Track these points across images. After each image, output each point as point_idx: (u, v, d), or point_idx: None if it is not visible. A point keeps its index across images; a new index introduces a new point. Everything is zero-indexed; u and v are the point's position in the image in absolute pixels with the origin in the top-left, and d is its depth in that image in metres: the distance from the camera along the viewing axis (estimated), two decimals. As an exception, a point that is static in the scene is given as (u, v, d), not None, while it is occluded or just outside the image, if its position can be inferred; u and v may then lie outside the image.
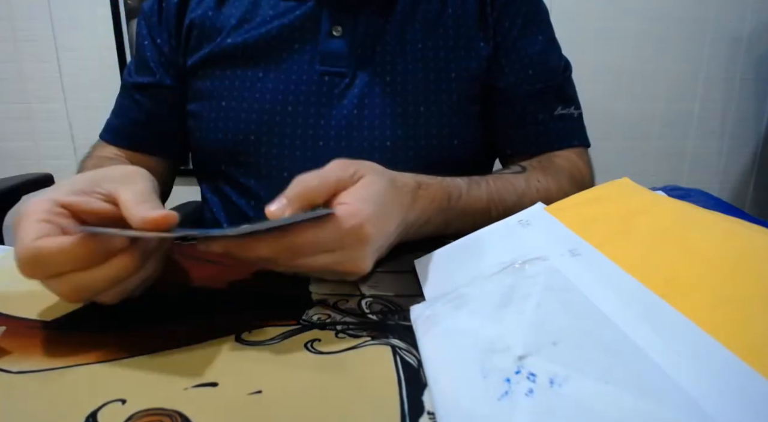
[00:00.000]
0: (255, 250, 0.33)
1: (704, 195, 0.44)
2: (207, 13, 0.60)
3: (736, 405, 0.20)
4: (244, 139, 0.59)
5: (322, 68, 0.58)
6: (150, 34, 0.63)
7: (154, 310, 0.35)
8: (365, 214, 0.34)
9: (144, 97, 0.63)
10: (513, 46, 0.60)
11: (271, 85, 0.58)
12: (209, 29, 0.60)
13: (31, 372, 0.28)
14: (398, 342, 0.31)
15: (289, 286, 0.39)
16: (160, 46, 0.62)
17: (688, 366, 0.22)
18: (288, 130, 0.58)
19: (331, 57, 0.58)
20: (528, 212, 0.40)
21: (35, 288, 0.39)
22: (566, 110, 0.62)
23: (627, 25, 1.49)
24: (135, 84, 0.63)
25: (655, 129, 1.58)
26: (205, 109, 0.60)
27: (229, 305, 0.37)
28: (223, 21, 0.60)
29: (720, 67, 1.54)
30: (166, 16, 0.62)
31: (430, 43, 0.59)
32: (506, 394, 0.23)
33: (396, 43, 0.58)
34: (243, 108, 0.59)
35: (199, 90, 0.61)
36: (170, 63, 0.62)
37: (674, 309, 0.25)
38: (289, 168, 0.58)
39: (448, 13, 0.59)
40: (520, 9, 0.61)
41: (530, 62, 0.60)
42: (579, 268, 0.30)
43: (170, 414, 0.24)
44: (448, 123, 0.59)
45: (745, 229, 0.29)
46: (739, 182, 1.65)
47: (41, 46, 1.53)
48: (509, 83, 0.61)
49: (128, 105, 0.64)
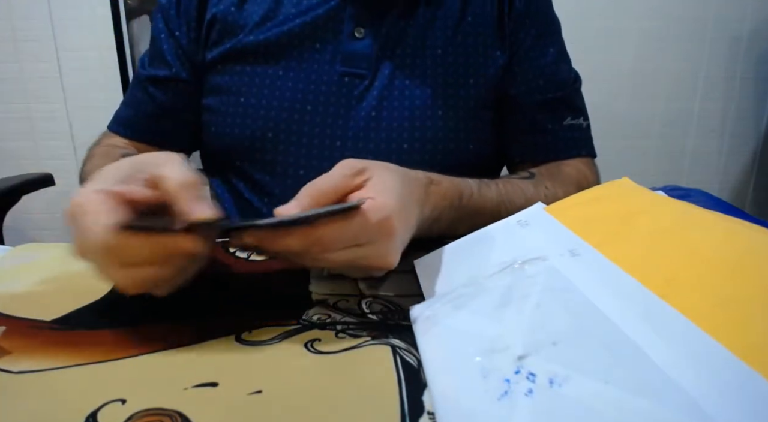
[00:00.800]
0: (285, 243, 0.33)
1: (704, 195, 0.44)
2: (230, 9, 0.60)
3: (735, 405, 0.20)
4: (262, 135, 0.59)
5: (342, 69, 0.59)
6: (168, 27, 0.63)
7: (154, 310, 0.35)
8: (390, 208, 0.34)
9: (158, 90, 0.63)
10: (526, 56, 0.62)
11: (291, 84, 0.59)
12: (231, 25, 0.60)
13: (31, 372, 0.28)
14: (398, 342, 0.31)
15: (289, 286, 0.39)
16: (179, 39, 0.62)
17: (688, 366, 0.22)
18: (306, 128, 0.58)
19: (352, 58, 0.59)
20: (527, 212, 0.40)
21: (35, 289, 0.39)
22: (575, 121, 0.63)
23: (627, 24, 1.49)
24: (150, 76, 0.63)
25: (655, 128, 1.58)
26: (222, 103, 0.60)
27: (229, 305, 0.37)
28: (246, 17, 0.60)
29: (720, 67, 1.54)
30: (186, 9, 0.62)
31: (450, 49, 0.60)
32: (506, 394, 0.23)
33: (417, 48, 0.59)
34: (262, 105, 0.59)
35: (217, 84, 0.61)
36: (187, 56, 0.62)
37: (674, 309, 0.25)
38: (305, 166, 0.59)
39: (468, 21, 0.60)
40: (535, 21, 0.62)
41: (541, 73, 0.62)
42: (578, 268, 0.30)
43: (170, 414, 0.25)
44: (465, 128, 0.60)
45: (745, 229, 0.29)
46: (739, 182, 1.65)
47: (41, 46, 1.53)
48: (520, 91, 0.62)
49: (141, 97, 0.64)
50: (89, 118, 1.58)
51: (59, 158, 1.60)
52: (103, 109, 0.68)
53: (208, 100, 0.62)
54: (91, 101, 1.56)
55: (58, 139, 1.60)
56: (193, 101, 0.63)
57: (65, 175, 1.41)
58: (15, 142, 1.61)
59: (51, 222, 1.67)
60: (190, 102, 0.63)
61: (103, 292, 0.38)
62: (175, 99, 0.63)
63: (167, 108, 0.63)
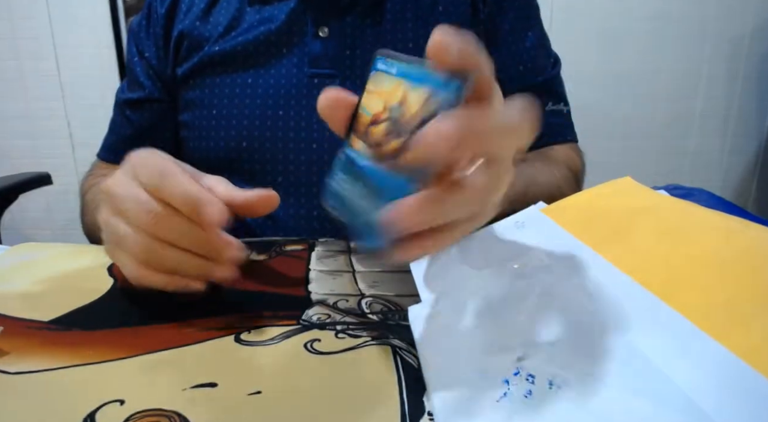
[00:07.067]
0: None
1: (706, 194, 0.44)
2: (195, 23, 0.61)
3: (735, 405, 0.20)
4: (237, 146, 0.59)
5: (311, 71, 0.58)
6: (138, 49, 0.64)
7: (153, 310, 0.35)
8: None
9: (135, 112, 0.64)
10: (504, 42, 0.60)
11: (261, 91, 0.58)
12: (198, 38, 0.60)
13: (29, 373, 0.28)
14: (398, 342, 0.31)
15: (289, 286, 0.39)
16: (149, 59, 0.63)
17: (687, 367, 0.22)
18: (280, 134, 0.58)
19: (319, 59, 0.58)
20: (524, 213, 0.40)
21: (33, 288, 0.39)
22: (556, 106, 0.62)
23: (628, 25, 1.49)
24: (126, 100, 0.64)
25: (657, 128, 1.58)
26: (196, 118, 0.61)
27: (229, 305, 0.37)
28: (210, 30, 0.60)
29: (722, 66, 1.54)
30: (154, 29, 0.63)
31: (422, 41, 0.58)
32: (505, 395, 0.23)
33: (387, 43, 0.58)
34: (234, 115, 0.59)
35: (190, 99, 0.61)
36: (158, 75, 0.63)
37: (673, 310, 0.24)
38: (283, 172, 0.58)
39: (439, 10, 0.59)
40: (512, 4, 0.61)
41: (521, 59, 0.61)
42: (577, 270, 0.30)
43: (169, 415, 0.24)
44: None
45: (747, 229, 0.29)
46: (741, 181, 1.65)
47: (40, 44, 1.52)
48: (499, 79, 0.61)
49: (120, 122, 0.65)
50: (88, 116, 1.58)
51: (57, 157, 1.60)
52: (102, 108, 0.69)
53: (183, 116, 0.62)
54: (89, 99, 1.56)
55: (57, 137, 1.60)
56: (168, 119, 0.64)
57: (63, 174, 1.41)
58: (13, 141, 1.61)
59: (49, 221, 1.67)
60: (165, 120, 0.64)
61: (101, 292, 0.38)
62: (151, 119, 0.64)
63: (144, 129, 0.64)
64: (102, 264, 0.43)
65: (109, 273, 0.41)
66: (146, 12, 0.64)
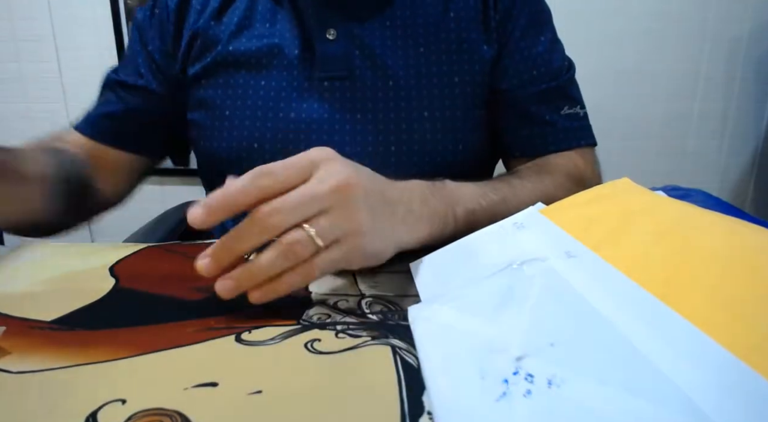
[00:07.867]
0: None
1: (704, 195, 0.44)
2: (209, 22, 0.61)
3: (735, 405, 0.20)
4: (248, 146, 0.59)
5: (321, 73, 0.58)
6: (141, 41, 0.63)
7: (155, 310, 0.35)
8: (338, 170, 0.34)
9: (128, 94, 0.64)
10: (516, 48, 0.60)
11: (274, 93, 0.59)
12: (211, 38, 0.61)
13: (31, 372, 0.28)
14: (398, 342, 0.31)
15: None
16: (152, 53, 0.63)
17: (687, 367, 0.22)
18: (291, 136, 0.58)
19: (328, 61, 0.58)
20: (523, 214, 0.40)
21: (35, 289, 0.39)
22: (572, 109, 0.62)
23: (627, 25, 1.49)
24: (120, 81, 0.64)
25: (655, 129, 1.58)
26: (207, 118, 0.61)
27: (229, 305, 0.37)
28: (223, 29, 0.61)
29: (720, 67, 1.54)
30: (161, 27, 0.62)
31: (433, 46, 0.59)
32: (504, 395, 0.23)
33: (397, 47, 0.58)
34: (246, 116, 0.59)
35: (201, 98, 0.61)
36: (161, 70, 0.63)
37: (672, 310, 0.25)
38: None
39: (450, 16, 0.59)
40: (523, 10, 0.60)
41: (534, 63, 0.60)
42: (576, 270, 0.30)
43: (170, 414, 0.25)
44: (453, 128, 0.59)
45: (745, 229, 0.29)
46: (739, 182, 1.65)
47: (41, 45, 1.53)
48: (513, 85, 0.61)
49: (111, 99, 0.64)
50: (89, 117, 1.57)
51: (59, 158, 1.60)
52: (103, 109, 0.69)
53: (193, 115, 0.62)
54: (91, 101, 1.56)
55: (58, 138, 1.60)
56: (163, 111, 0.63)
57: (65, 175, 1.40)
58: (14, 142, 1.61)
59: (51, 222, 1.67)
60: (159, 112, 0.63)
61: (103, 292, 0.38)
62: (144, 104, 0.63)
63: (136, 111, 0.63)
64: (104, 264, 0.43)
65: (110, 273, 0.42)
66: (152, 5, 0.64)
